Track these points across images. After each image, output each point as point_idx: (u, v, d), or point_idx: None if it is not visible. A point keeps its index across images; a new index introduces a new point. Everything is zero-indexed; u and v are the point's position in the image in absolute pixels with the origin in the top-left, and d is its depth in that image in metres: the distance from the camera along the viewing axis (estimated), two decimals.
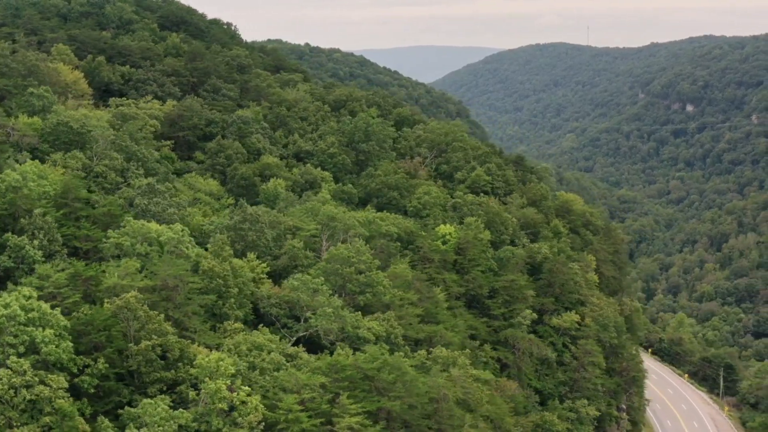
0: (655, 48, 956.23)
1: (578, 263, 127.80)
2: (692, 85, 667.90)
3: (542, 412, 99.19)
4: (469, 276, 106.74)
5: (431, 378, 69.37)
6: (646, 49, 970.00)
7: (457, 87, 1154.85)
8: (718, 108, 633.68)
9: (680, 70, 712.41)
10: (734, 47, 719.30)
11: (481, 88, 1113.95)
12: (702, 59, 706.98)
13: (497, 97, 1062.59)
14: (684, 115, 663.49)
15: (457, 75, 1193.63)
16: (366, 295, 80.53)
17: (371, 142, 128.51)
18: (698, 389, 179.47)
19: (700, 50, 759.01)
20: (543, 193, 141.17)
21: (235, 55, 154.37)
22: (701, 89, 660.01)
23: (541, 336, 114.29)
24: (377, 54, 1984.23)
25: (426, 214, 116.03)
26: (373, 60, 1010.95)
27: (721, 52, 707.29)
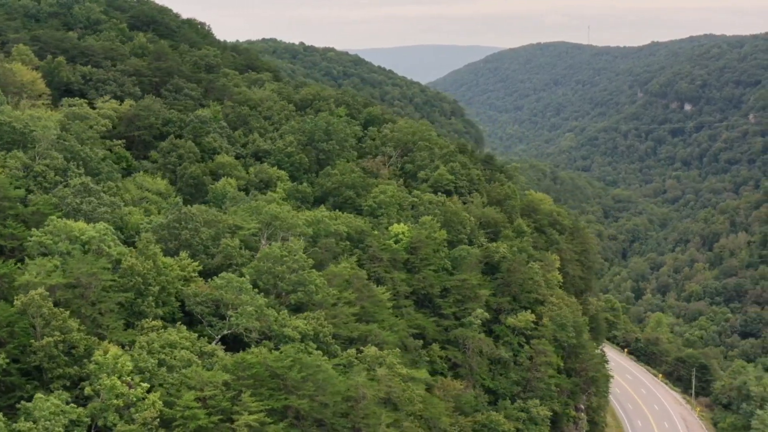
0: (655, 47, 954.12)
1: (540, 263, 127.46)
2: (690, 85, 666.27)
3: (490, 411, 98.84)
4: (420, 275, 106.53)
5: (351, 377, 69.29)
6: (647, 48, 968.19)
7: (457, 86, 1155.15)
8: (716, 107, 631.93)
9: (679, 69, 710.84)
10: (733, 46, 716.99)
11: (481, 87, 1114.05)
12: (700, 58, 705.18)
13: (497, 96, 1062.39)
14: (682, 114, 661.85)
15: (458, 74, 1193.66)
16: (298, 294, 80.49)
17: (331, 141, 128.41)
18: (672, 389, 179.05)
19: (699, 49, 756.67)
20: (507, 193, 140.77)
21: (204, 55, 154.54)
22: (699, 88, 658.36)
23: (498, 335, 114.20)
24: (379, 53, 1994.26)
25: (381, 213, 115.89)
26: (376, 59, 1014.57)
27: (719, 51, 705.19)
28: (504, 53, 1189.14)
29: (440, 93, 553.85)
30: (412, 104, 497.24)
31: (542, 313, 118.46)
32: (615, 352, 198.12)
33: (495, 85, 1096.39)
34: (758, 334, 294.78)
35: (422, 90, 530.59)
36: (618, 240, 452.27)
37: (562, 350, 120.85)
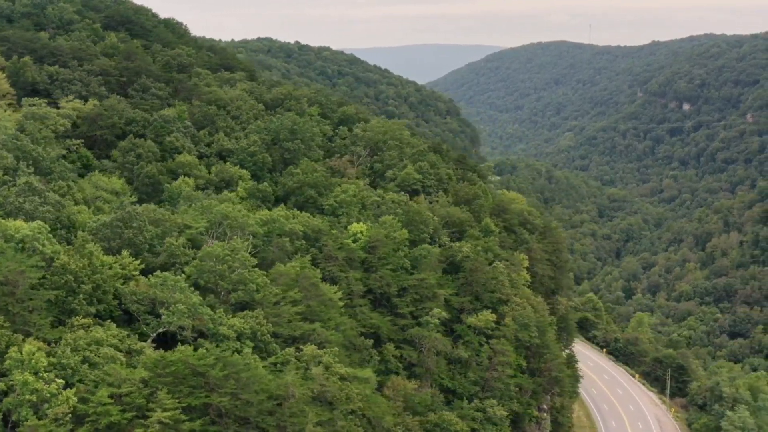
0: (655, 47, 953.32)
1: (506, 262, 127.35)
2: (689, 84, 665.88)
3: (443, 411, 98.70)
4: (377, 274, 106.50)
5: (281, 375, 69.43)
6: (647, 48, 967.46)
7: (458, 85, 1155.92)
8: (714, 107, 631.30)
9: (678, 68, 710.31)
10: (732, 46, 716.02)
11: (482, 87, 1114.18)
12: (699, 58, 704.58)
13: (498, 96, 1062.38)
14: (680, 113, 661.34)
15: (459, 73, 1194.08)
16: (238, 293, 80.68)
17: (297, 140, 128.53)
18: (649, 390, 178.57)
19: (698, 49, 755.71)
20: (476, 192, 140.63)
21: (176, 54, 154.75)
22: (698, 88, 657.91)
23: (459, 335, 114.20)
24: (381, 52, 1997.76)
25: (342, 213, 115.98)
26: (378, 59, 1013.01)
27: (718, 50, 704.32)
28: (505, 52, 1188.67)
29: (436, 92, 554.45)
30: (407, 103, 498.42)
31: (505, 313, 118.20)
32: (594, 352, 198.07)
33: (496, 84, 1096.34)
34: (747, 335, 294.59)
35: (417, 89, 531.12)
36: (612, 239, 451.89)
37: (526, 350, 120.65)
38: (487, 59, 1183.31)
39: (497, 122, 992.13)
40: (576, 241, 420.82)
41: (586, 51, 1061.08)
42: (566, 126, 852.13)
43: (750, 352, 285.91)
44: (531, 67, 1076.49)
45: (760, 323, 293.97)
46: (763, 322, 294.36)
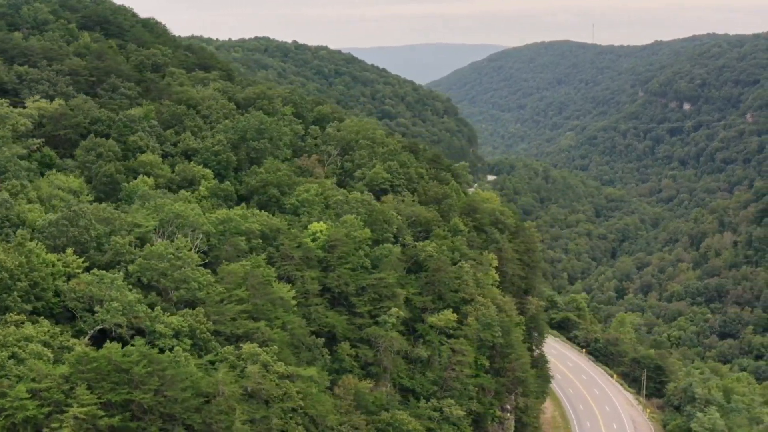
0: (658, 46, 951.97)
1: (473, 262, 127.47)
2: (689, 84, 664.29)
3: (395, 411, 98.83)
4: (334, 273, 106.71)
5: (212, 373, 69.85)
6: (650, 48, 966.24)
7: (461, 85, 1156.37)
8: (714, 106, 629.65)
9: (679, 68, 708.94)
10: (733, 45, 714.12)
11: (485, 86, 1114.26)
12: (701, 57, 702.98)
13: (501, 95, 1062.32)
14: (681, 113, 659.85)
15: (462, 73, 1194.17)
16: (180, 291, 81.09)
17: (263, 139, 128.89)
18: (627, 390, 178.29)
19: (699, 48, 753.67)
20: (445, 191, 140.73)
21: (151, 54, 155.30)
22: (698, 87, 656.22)
23: (421, 335, 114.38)
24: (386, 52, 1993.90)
25: (303, 212, 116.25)
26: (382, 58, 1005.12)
27: (719, 50, 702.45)
28: (508, 52, 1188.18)
29: (433, 92, 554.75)
30: (404, 103, 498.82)
31: (468, 313, 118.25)
32: (574, 353, 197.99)
33: (498, 84, 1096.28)
34: (737, 335, 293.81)
35: (415, 89, 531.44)
36: (608, 239, 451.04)
37: (490, 350, 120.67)
38: (490, 59, 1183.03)
39: (499, 122, 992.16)
40: (570, 240, 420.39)
41: (589, 50, 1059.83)
42: (568, 126, 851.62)
43: (739, 353, 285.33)
44: (534, 67, 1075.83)
45: (751, 324, 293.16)
46: (753, 322, 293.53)
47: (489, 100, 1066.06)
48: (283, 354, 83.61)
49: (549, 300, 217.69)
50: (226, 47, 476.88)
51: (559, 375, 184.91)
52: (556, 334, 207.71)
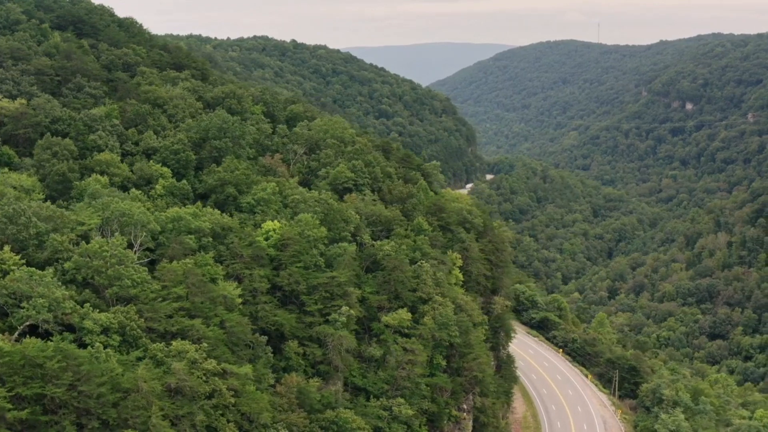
0: (662, 46, 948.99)
1: (434, 261, 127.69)
2: (692, 83, 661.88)
3: (340, 409, 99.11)
4: (285, 272, 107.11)
5: (132, 369, 70.51)
6: (655, 47, 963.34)
7: (466, 84, 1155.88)
8: (716, 106, 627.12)
9: (682, 68, 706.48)
10: (737, 45, 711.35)
11: (490, 85, 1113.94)
12: (704, 57, 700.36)
13: (506, 95, 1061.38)
14: (683, 113, 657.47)
15: (468, 72, 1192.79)
16: (113, 288, 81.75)
17: (225, 138, 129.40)
18: (601, 391, 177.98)
19: (703, 48, 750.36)
20: (410, 191, 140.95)
21: (123, 54, 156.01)
22: (701, 87, 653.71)
23: (376, 334, 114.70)
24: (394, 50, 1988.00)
25: (259, 210, 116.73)
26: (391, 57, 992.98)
27: (723, 50, 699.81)
28: (514, 51, 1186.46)
29: (432, 91, 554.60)
30: (402, 102, 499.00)
31: (425, 312, 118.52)
32: (552, 353, 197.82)
33: (504, 83, 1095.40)
34: (726, 336, 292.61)
35: (413, 88, 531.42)
36: (604, 239, 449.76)
37: (448, 350, 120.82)
38: (495, 58, 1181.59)
39: (503, 121, 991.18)
40: (566, 240, 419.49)
41: (595, 50, 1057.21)
42: (571, 125, 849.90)
43: (728, 354, 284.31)
44: (539, 66, 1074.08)
45: (740, 325, 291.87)
46: (743, 323, 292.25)
47: (494, 99, 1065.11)
48: (217, 351, 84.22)
49: (529, 300, 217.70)
50: (224, 46, 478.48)
51: (534, 375, 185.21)
52: (536, 334, 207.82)
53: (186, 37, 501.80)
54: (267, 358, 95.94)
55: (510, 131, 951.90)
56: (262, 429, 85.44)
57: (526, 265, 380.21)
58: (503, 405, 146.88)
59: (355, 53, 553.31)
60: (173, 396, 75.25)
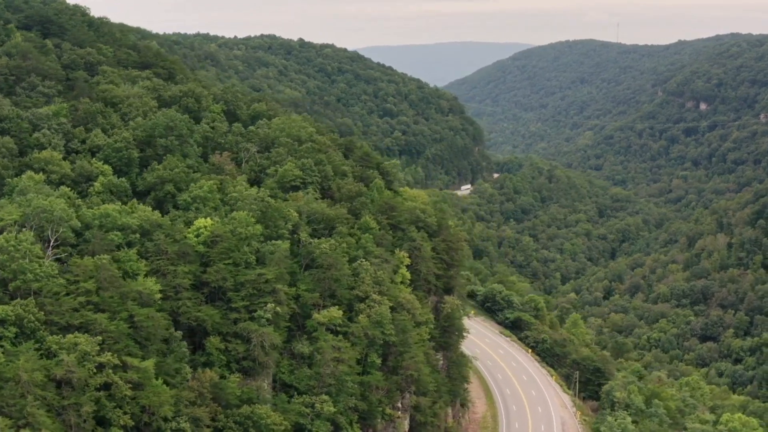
0: (681, 46, 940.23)
1: (377, 259, 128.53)
2: (706, 84, 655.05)
3: (256, 405, 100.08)
4: (213, 268, 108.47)
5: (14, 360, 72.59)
6: (673, 47, 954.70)
7: (485, 83, 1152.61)
8: (730, 107, 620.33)
9: (697, 68, 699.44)
10: (753, 45, 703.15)
11: (509, 85, 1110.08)
12: (719, 57, 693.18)
13: (524, 94, 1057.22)
14: (697, 113, 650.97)
15: (486, 71, 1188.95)
16: (16, 282, 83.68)
17: (171, 137, 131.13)
18: (565, 392, 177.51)
19: (719, 48, 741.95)
20: (359, 189, 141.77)
21: (86, 53, 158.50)
22: (715, 87, 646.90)
23: (309, 331, 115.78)
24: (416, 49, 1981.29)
25: (195, 208, 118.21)
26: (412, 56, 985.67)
27: (738, 50, 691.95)
28: (532, 50, 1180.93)
29: (439, 90, 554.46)
30: (407, 101, 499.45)
31: (361, 311, 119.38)
32: (521, 353, 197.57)
33: (522, 82, 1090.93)
34: (718, 338, 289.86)
35: (420, 87, 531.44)
36: (608, 240, 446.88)
37: (384, 348, 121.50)
38: (514, 57, 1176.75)
39: (521, 121, 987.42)
40: (567, 240, 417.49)
41: (613, 49, 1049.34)
42: (588, 125, 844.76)
43: (719, 356, 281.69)
44: (557, 66, 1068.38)
45: (732, 327, 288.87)
46: (734, 326, 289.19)
47: (512, 98, 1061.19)
48: (119, 345, 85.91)
49: (505, 300, 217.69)
50: (230, 45, 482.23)
51: (500, 375, 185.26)
52: (508, 334, 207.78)
53: (193, 35, 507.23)
54: (182, 352, 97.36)
55: (527, 131, 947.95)
56: (162, 422, 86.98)
57: (524, 265, 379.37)
58: (452, 405, 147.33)
59: (378, 52, 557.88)
60: (62, 387, 76.94)
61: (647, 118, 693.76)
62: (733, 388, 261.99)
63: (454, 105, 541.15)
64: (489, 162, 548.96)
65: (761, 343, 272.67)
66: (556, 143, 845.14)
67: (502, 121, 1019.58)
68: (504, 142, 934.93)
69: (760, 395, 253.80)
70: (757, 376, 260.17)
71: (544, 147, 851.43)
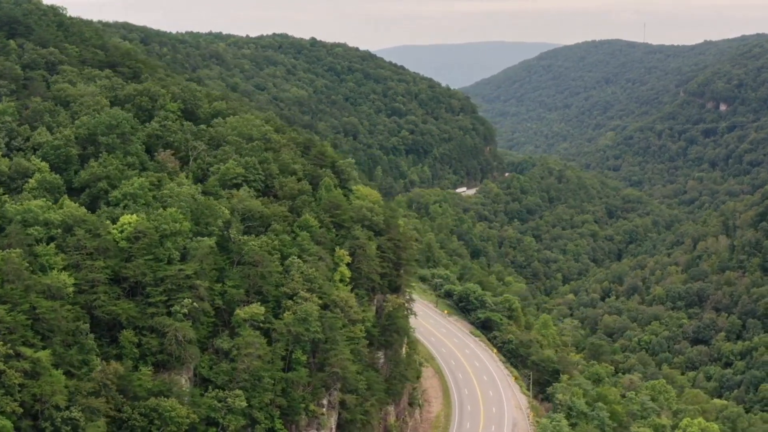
0: (706, 46, 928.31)
1: (312, 257, 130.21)
2: (727, 84, 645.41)
3: (162, 398, 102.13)
4: (133, 264, 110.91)
5: None
6: (698, 47, 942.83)
7: (510, 83, 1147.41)
8: (749, 108, 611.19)
9: (719, 68, 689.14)
10: None
11: (534, 84, 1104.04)
12: (741, 57, 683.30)
13: (548, 94, 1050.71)
14: (716, 114, 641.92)
15: (512, 71, 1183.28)
16: None
17: (112, 135, 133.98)
18: (523, 393, 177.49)
19: (741, 48, 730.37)
20: (300, 188, 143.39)
21: (48, 53, 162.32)
22: (735, 88, 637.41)
23: (233, 326, 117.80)
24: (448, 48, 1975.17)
25: (124, 205, 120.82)
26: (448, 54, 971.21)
27: (760, 50, 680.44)
28: (558, 50, 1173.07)
29: (451, 90, 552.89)
30: (417, 100, 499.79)
31: (288, 307, 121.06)
32: (487, 353, 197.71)
33: (547, 82, 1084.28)
34: (709, 342, 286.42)
35: (431, 86, 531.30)
36: (614, 241, 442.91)
37: (312, 345, 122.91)
38: (540, 57, 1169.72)
39: (544, 121, 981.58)
40: (570, 241, 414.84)
41: (639, 49, 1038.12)
42: (610, 125, 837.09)
43: (709, 360, 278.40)
44: (583, 66, 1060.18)
45: (723, 330, 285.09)
46: (726, 329, 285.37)
47: (537, 98, 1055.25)
48: (14, 335, 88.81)
49: (478, 300, 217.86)
50: (239, 44, 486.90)
51: (461, 374, 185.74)
52: (478, 334, 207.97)
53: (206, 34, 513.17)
54: (89, 344, 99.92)
55: (550, 131, 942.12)
56: (54, 410, 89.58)
57: (524, 265, 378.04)
58: (395, 404, 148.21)
59: (407, 51, 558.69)
60: None
61: (667, 118, 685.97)
62: (720, 393, 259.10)
63: (466, 104, 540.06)
64: (501, 162, 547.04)
65: (752, 347, 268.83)
66: (578, 143, 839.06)
67: (526, 121, 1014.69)
68: (526, 142, 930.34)
69: (747, 400, 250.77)
70: (744, 381, 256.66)
71: (566, 147, 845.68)
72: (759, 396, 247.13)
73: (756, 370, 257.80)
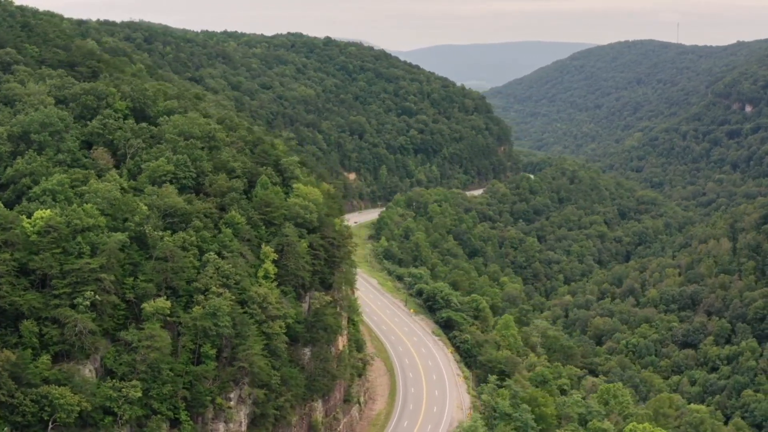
0: (738, 47, 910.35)
1: (232, 254, 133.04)
2: (753, 85, 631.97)
3: (53, 386, 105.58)
4: (39, 257, 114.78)
5: None
6: (731, 48, 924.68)
7: (542, 83, 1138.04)
8: None
9: (746, 69, 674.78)
10: None
11: (566, 85, 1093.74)
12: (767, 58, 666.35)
13: (580, 94, 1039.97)
14: (741, 115, 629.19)
15: (545, 71, 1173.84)
16: None
17: (44, 133, 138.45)
18: (468, 393, 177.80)
19: None
20: (230, 185, 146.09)
21: (4, 53, 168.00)
22: (761, 89, 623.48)
23: (143, 320, 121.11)
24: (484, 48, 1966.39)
25: (42, 201, 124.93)
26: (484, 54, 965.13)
27: None
28: (591, 50, 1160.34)
29: (465, 89, 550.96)
30: (429, 100, 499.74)
31: (198, 302, 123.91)
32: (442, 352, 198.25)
33: (579, 82, 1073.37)
34: (698, 346, 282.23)
35: (444, 86, 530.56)
36: (623, 242, 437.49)
37: (221, 340, 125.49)
38: (572, 57, 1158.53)
39: (574, 121, 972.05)
40: (576, 242, 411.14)
41: (672, 50, 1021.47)
42: (639, 126, 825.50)
43: (695, 364, 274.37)
44: (615, 66, 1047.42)
45: (713, 334, 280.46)
46: (715, 333, 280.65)
47: (568, 99, 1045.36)
48: None
49: (444, 299, 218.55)
50: (251, 43, 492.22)
51: (411, 373, 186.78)
52: (440, 333, 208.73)
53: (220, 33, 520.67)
54: None
55: (579, 131, 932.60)
56: None
57: (524, 266, 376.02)
58: (323, 401, 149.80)
59: (442, 51, 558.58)
60: None
61: (693, 119, 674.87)
62: (704, 398, 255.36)
63: (480, 104, 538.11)
64: (515, 162, 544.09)
65: (738, 352, 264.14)
66: (606, 144, 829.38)
67: (556, 122, 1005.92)
68: (555, 142, 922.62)
69: (728, 405, 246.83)
70: (728, 386, 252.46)
71: (593, 148, 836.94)
72: (740, 402, 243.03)
73: (740, 375, 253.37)
